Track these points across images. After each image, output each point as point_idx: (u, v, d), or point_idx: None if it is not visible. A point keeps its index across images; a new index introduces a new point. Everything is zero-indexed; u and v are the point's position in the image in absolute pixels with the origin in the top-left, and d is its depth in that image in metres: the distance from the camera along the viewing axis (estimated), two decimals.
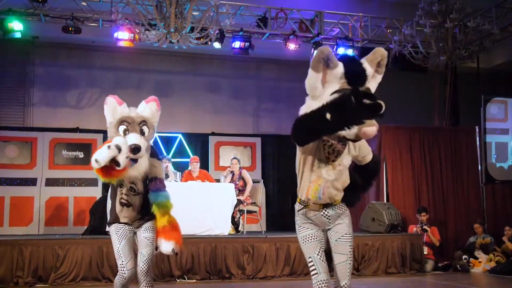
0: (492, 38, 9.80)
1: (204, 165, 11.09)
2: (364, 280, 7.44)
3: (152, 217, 3.88)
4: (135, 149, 3.51)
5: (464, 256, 8.76)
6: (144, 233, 3.86)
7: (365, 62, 2.99)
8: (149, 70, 12.38)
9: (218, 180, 9.32)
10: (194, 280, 7.13)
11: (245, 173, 9.30)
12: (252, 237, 7.93)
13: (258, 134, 12.40)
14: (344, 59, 2.94)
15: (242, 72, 12.81)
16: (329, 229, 3.26)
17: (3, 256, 6.66)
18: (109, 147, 3.45)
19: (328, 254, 3.27)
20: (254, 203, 9.18)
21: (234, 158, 9.63)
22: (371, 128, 2.78)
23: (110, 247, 6.98)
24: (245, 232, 8.74)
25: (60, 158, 10.93)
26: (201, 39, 8.88)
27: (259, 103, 12.94)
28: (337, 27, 11.10)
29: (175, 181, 8.58)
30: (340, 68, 2.88)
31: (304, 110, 3.02)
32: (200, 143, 12.27)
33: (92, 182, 10.86)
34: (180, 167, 10.59)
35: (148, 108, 3.79)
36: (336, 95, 2.83)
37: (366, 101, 2.77)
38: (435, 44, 9.49)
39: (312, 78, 2.94)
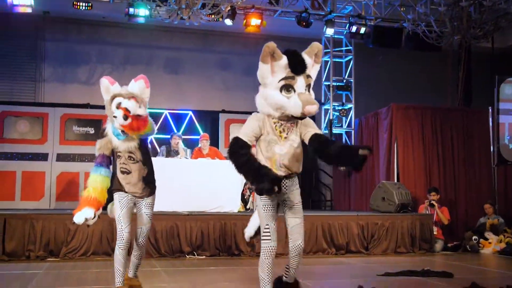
0: (508, 18, 9.64)
1: (214, 143, 11.10)
2: (373, 259, 7.44)
3: (153, 190, 4.38)
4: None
5: (474, 237, 8.72)
6: (145, 209, 4.34)
7: (304, 54, 3.54)
8: (159, 47, 12.34)
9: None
10: (204, 257, 7.17)
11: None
12: None
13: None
14: (287, 52, 3.48)
15: (253, 49, 12.71)
16: (283, 199, 3.64)
17: (15, 230, 6.71)
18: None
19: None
20: None
21: None
22: (312, 106, 3.33)
23: None
24: (254, 210, 8.74)
25: (71, 133, 10.97)
26: (213, 16, 8.81)
27: None
28: (350, 5, 10.97)
29: (185, 158, 8.58)
30: (284, 59, 3.42)
31: (259, 98, 3.65)
32: (210, 120, 12.27)
33: None
34: (190, 144, 10.58)
35: (136, 85, 4.08)
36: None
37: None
38: (450, 23, 9.36)
39: (262, 69, 3.51)
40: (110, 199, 4.27)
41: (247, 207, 8.94)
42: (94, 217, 4.09)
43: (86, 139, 11.03)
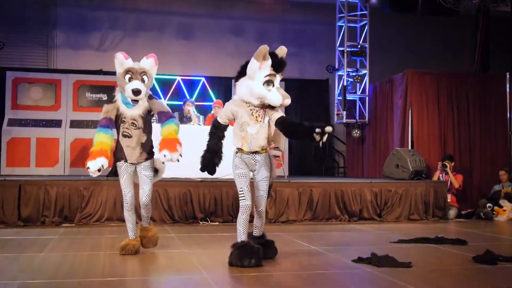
0: None
1: None
2: (386, 226, 7.44)
3: (150, 156, 4.83)
4: (137, 92, 4.49)
5: (488, 204, 8.67)
6: (143, 171, 4.81)
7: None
8: (171, 12, 12.21)
9: None
10: (217, 223, 7.21)
11: None
12: (275, 181, 7.87)
13: (281, 78, 12.24)
14: (272, 55, 4.28)
15: (266, 16, 12.55)
16: (255, 170, 4.46)
17: (30, 196, 6.78)
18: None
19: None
20: (277, 148, 9.14)
21: None
22: (288, 99, 4.22)
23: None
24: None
25: (84, 100, 10.96)
26: None
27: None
28: None
29: (198, 124, 8.55)
30: (270, 60, 4.24)
31: (243, 88, 4.35)
32: (223, 87, 12.20)
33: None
34: (203, 111, 10.55)
35: (148, 62, 4.68)
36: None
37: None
38: None
39: (254, 65, 4.22)
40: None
41: None
42: (107, 166, 4.65)
43: (99, 105, 10.91)
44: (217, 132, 4.50)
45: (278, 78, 4.31)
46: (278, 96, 4.21)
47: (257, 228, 4.69)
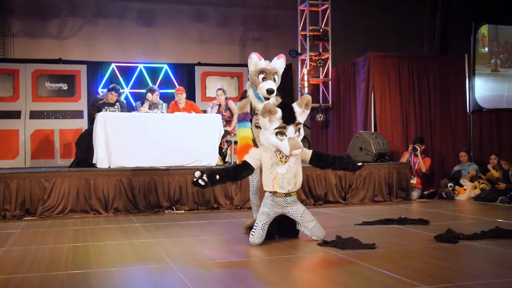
0: None
1: (191, 96, 10.97)
2: (350, 208, 7.53)
3: None
4: (271, 91, 4.97)
5: (449, 184, 8.86)
6: None
7: (295, 105, 4.65)
8: None
9: (204, 111, 9.23)
10: (183, 211, 7.18)
11: (232, 104, 9.21)
12: None
13: (244, 64, 12.16)
14: (281, 106, 4.65)
15: (228, 0, 12.45)
16: (288, 212, 4.80)
17: None
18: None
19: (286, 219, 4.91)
20: None
21: (219, 89, 9.50)
22: (297, 150, 4.53)
23: (97, 180, 6.98)
24: (232, 163, 8.74)
25: (43, 90, 10.74)
26: None
27: (246, 32, 12.67)
28: None
29: (161, 112, 8.46)
30: (279, 113, 4.57)
31: (262, 138, 4.76)
32: (186, 74, 12.11)
33: (78, 114, 10.76)
34: (167, 98, 10.45)
35: (279, 62, 5.16)
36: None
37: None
38: None
39: (263, 121, 4.64)
40: None
41: (226, 160, 8.93)
42: None
43: (60, 95, 10.83)
44: (244, 170, 4.74)
45: (291, 128, 4.59)
46: (286, 147, 4.55)
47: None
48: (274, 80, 5.08)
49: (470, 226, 5.66)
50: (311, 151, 4.94)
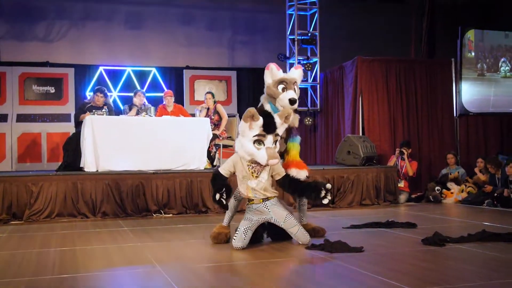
0: None
1: (179, 100, 10.96)
2: (338, 212, 7.55)
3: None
4: (293, 101, 4.83)
5: (437, 187, 8.91)
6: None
7: (277, 117, 4.61)
8: (120, 1, 11.96)
9: (193, 115, 9.22)
10: (171, 215, 7.16)
11: (220, 107, 9.21)
12: None
13: (233, 68, 12.22)
14: (263, 115, 4.56)
15: (216, 3, 12.46)
16: (271, 218, 4.74)
17: None
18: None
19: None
20: (230, 137, 9.14)
21: (207, 92, 9.50)
22: (273, 160, 4.49)
23: (84, 183, 6.94)
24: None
25: (30, 93, 10.68)
26: None
27: (234, 35, 12.68)
28: None
29: (149, 115, 8.43)
30: (260, 120, 4.49)
31: (238, 144, 4.67)
32: (174, 77, 12.09)
33: (65, 118, 10.70)
34: (155, 102, 10.43)
35: (297, 72, 5.09)
36: None
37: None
38: None
39: (243, 126, 4.54)
40: None
41: (214, 164, 8.92)
42: None
43: (47, 98, 10.77)
44: (217, 179, 4.73)
45: (270, 138, 4.53)
46: (263, 156, 4.47)
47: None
48: (295, 90, 4.93)
49: (457, 229, 5.70)
50: (284, 171, 4.82)
